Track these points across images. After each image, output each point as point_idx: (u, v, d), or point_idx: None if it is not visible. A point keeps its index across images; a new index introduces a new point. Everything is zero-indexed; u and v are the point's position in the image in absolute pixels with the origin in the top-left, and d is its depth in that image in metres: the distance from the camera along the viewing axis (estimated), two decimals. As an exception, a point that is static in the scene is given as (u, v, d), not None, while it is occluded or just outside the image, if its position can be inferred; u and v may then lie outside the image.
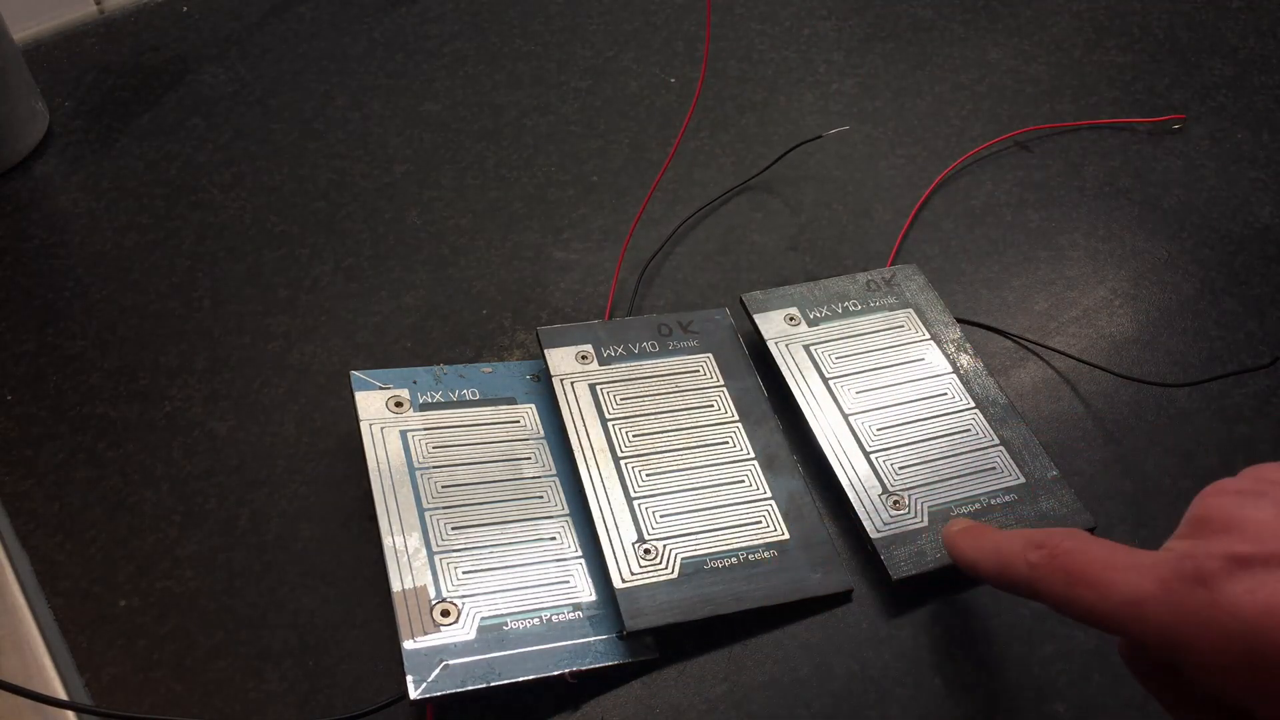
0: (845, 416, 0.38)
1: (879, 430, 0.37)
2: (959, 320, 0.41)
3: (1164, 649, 0.24)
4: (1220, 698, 0.24)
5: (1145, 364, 0.41)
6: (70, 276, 0.43)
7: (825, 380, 0.38)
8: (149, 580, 0.35)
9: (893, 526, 0.35)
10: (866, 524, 0.35)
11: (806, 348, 0.39)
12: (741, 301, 0.41)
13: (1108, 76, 0.52)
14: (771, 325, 0.40)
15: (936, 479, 0.36)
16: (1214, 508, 0.25)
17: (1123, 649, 0.28)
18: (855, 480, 0.36)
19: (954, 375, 0.39)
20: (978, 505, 0.35)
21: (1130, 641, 0.28)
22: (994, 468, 0.36)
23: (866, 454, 0.37)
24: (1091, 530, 0.35)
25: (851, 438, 0.37)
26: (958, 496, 0.36)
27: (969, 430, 0.38)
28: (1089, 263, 0.44)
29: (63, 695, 0.32)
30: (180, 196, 0.46)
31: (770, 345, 0.39)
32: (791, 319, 0.40)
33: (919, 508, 0.35)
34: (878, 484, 0.36)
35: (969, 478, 0.36)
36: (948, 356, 0.40)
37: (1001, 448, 0.37)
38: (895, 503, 0.35)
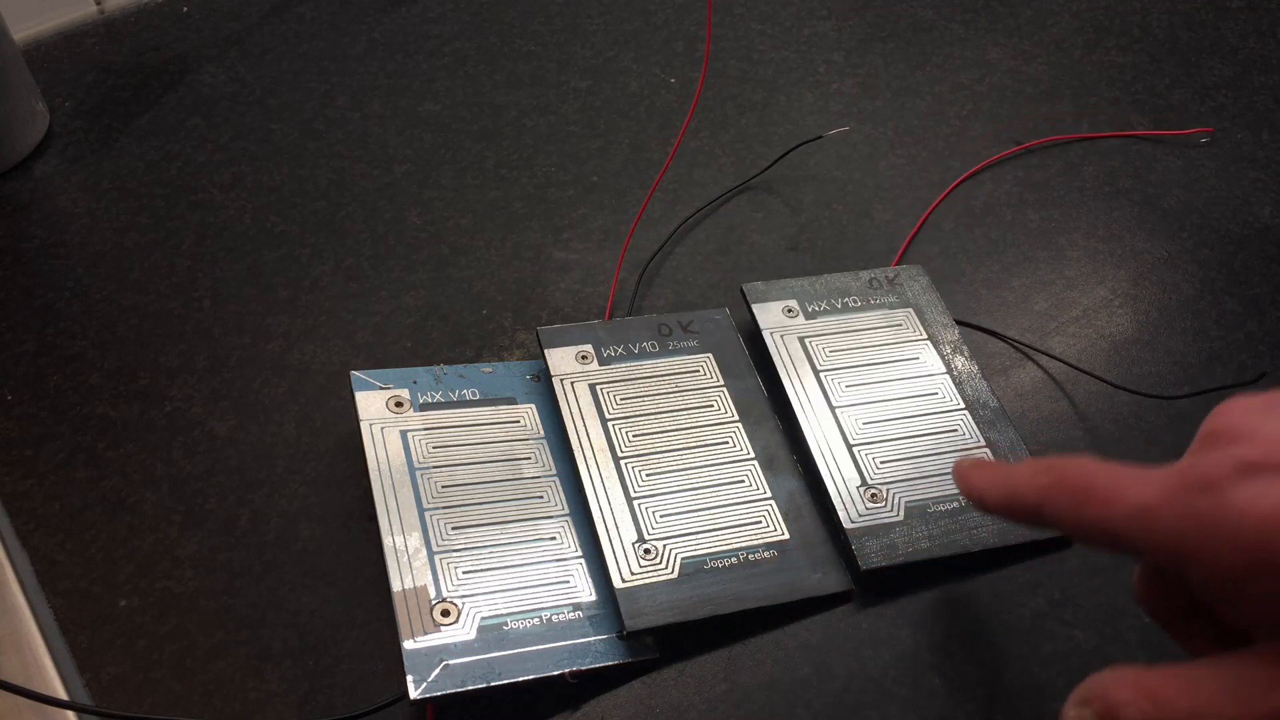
0: (832, 409, 0.38)
1: (864, 424, 0.37)
2: (958, 322, 0.41)
3: (1171, 559, 0.23)
4: (1226, 613, 0.24)
5: (1145, 364, 0.41)
6: (70, 276, 0.43)
7: (816, 372, 0.38)
8: (149, 580, 0.35)
9: (867, 518, 0.35)
10: (841, 514, 0.35)
11: (801, 340, 0.39)
12: (742, 291, 0.41)
13: (1108, 77, 0.52)
14: (769, 316, 0.40)
15: (917, 475, 0.36)
16: (1224, 421, 0.25)
17: (1137, 582, 0.28)
18: (835, 471, 0.36)
19: (947, 376, 0.39)
20: (956, 504, 0.36)
21: (1144, 579, 0.28)
22: None
23: (849, 446, 0.37)
24: (1070, 537, 0.36)
25: (836, 430, 0.37)
26: (936, 494, 0.36)
27: (956, 431, 0.38)
28: (1089, 263, 0.44)
29: (63, 695, 0.32)
30: (180, 196, 0.46)
31: (765, 335, 0.39)
32: (790, 311, 0.40)
33: (896, 502, 0.35)
34: (857, 476, 0.36)
35: (950, 476, 0.36)
36: (943, 358, 0.40)
37: (987, 449, 0.37)
38: (873, 495, 0.35)
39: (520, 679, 0.31)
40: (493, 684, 0.30)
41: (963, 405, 0.38)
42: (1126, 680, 0.23)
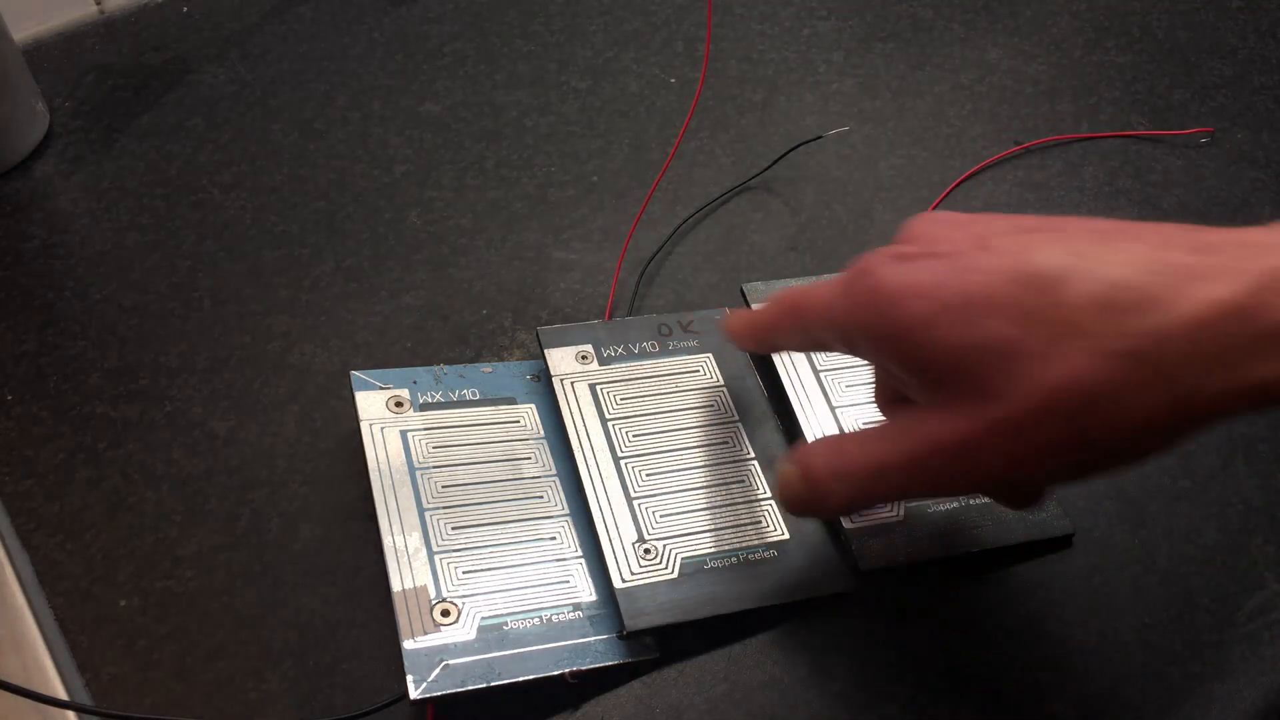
0: (832, 409, 0.38)
1: (865, 424, 0.37)
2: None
3: (846, 342, 0.28)
4: (889, 377, 0.29)
5: (1145, 364, 0.41)
6: (70, 276, 0.43)
7: (816, 372, 0.38)
8: (149, 580, 0.35)
9: (867, 518, 0.35)
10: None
11: None
12: (742, 291, 0.41)
13: (1108, 77, 0.52)
14: None
15: None
16: (912, 225, 0.28)
17: (876, 394, 0.33)
18: None
19: None
20: (956, 504, 0.36)
21: (876, 385, 0.33)
22: None
23: None
24: (1070, 537, 0.36)
25: (837, 429, 0.37)
26: None
27: None
28: (1089, 263, 0.44)
29: (63, 695, 0.32)
30: (180, 196, 0.46)
31: None
32: None
33: (896, 502, 0.35)
34: None
35: None
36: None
37: None
38: None
39: (520, 679, 0.31)
40: (493, 684, 0.30)
41: (963, 405, 0.38)
42: (822, 442, 0.29)
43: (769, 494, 0.36)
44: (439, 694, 0.30)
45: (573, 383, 0.37)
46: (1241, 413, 0.24)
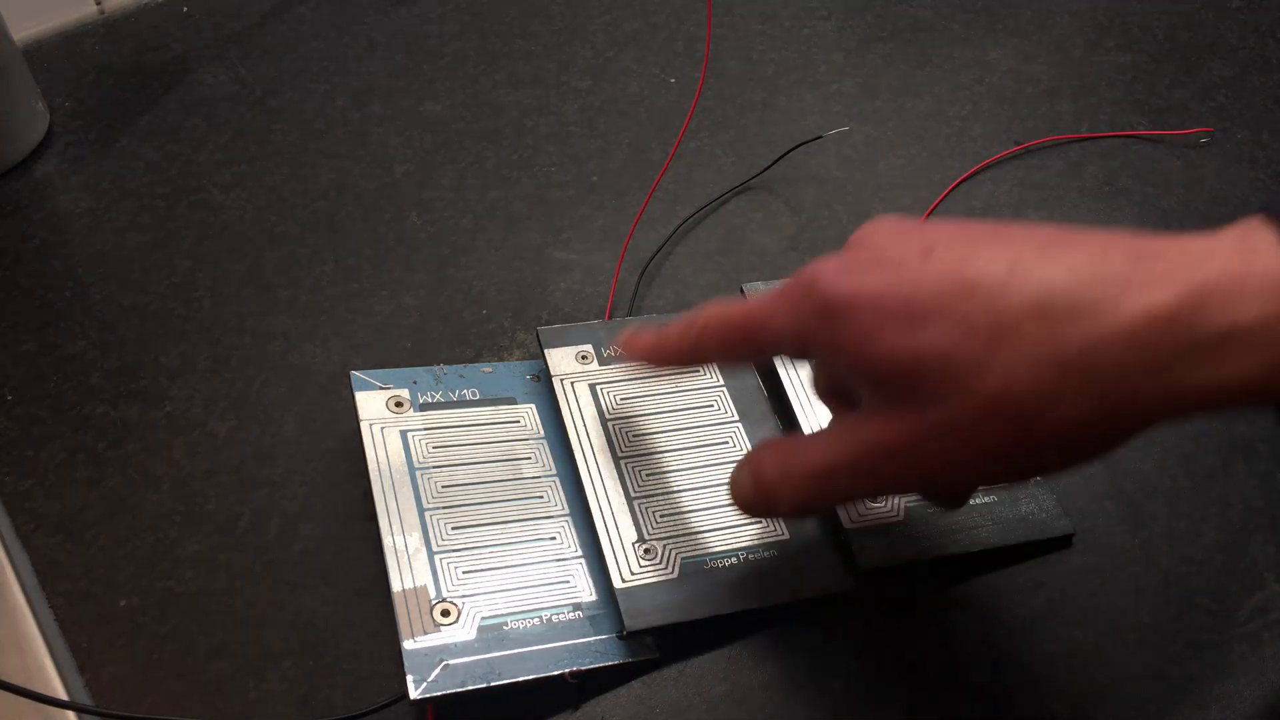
0: None
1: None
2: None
3: (796, 348, 0.29)
4: (834, 372, 0.31)
5: (1145, 364, 0.41)
6: (70, 276, 0.43)
7: None
8: (149, 580, 0.35)
9: (867, 518, 0.35)
10: (841, 514, 0.35)
11: None
12: (742, 291, 0.41)
13: (1108, 77, 0.52)
14: None
15: None
16: (859, 234, 0.28)
17: (815, 384, 0.33)
18: None
19: None
20: None
21: (815, 375, 0.33)
22: None
23: None
24: (1070, 537, 0.36)
25: None
26: None
27: None
28: (1089, 263, 0.44)
29: (63, 695, 0.32)
30: (180, 196, 0.46)
31: None
32: None
33: (896, 502, 0.35)
34: None
35: None
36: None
37: None
38: None
39: (520, 679, 0.31)
40: (493, 684, 0.30)
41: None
42: (771, 445, 0.30)
43: (769, 494, 0.36)
44: (439, 694, 0.30)
45: (573, 383, 0.37)
46: (1180, 418, 0.25)
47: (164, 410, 0.39)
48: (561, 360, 0.38)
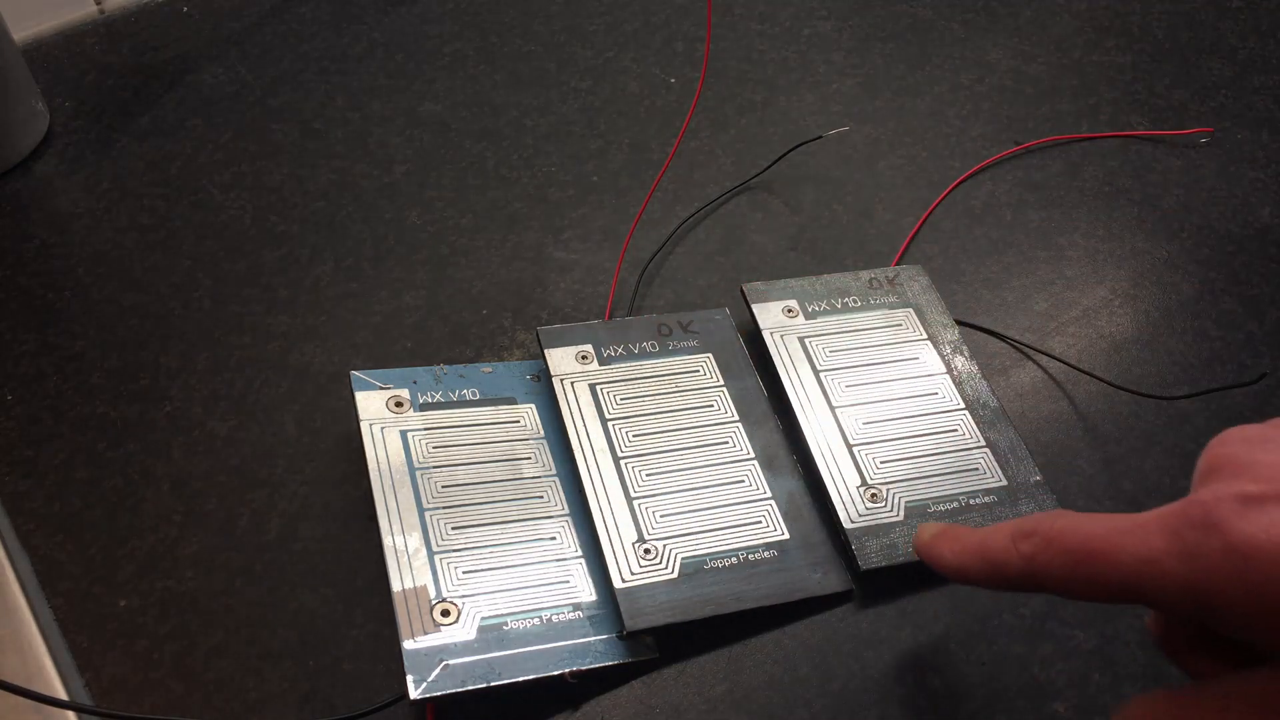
0: (832, 409, 0.38)
1: (864, 424, 0.37)
2: (958, 322, 0.41)
3: (1187, 606, 0.23)
4: (1254, 648, 0.23)
5: (1145, 365, 0.41)
6: (70, 276, 0.43)
7: (816, 372, 0.38)
8: (149, 580, 0.35)
9: (867, 518, 0.35)
10: (841, 514, 0.35)
11: (801, 340, 0.39)
12: (742, 291, 0.41)
13: (1108, 77, 0.52)
14: (769, 316, 0.40)
15: (917, 475, 0.36)
16: (1221, 456, 0.24)
17: (1152, 627, 0.27)
18: (835, 471, 0.36)
19: (947, 376, 0.39)
20: (956, 504, 0.36)
21: (1158, 617, 0.27)
22: (977, 469, 0.37)
23: (849, 446, 0.37)
24: None
25: (836, 430, 0.37)
26: (936, 494, 0.36)
27: (956, 430, 0.38)
28: (1088, 263, 0.44)
29: (63, 695, 0.32)
30: (180, 196, 0.46)
31: (765, 335, 0.39)
32: (790, 311, 0.40)
33: (896, 502, 0.35)
34: (857, 476, 0.36)
35: (950, 477, 0.36)
36: (943, 357, 0.40)
37: (987, 449, 0.37)
38: (873, 495, 0.35)
39: (520, 679, 0.31)
40: (493, 684, 0.30)
41: (962, 405, 0.38)
42: (1158, 699, 0.24)
43: (769, 494, 0.36)
44: (439, 694, 0.30)
45: (573, 383, 0.37)
46: None
47: (164, 410, 0.39)
48: (561, 360, 0.38)
